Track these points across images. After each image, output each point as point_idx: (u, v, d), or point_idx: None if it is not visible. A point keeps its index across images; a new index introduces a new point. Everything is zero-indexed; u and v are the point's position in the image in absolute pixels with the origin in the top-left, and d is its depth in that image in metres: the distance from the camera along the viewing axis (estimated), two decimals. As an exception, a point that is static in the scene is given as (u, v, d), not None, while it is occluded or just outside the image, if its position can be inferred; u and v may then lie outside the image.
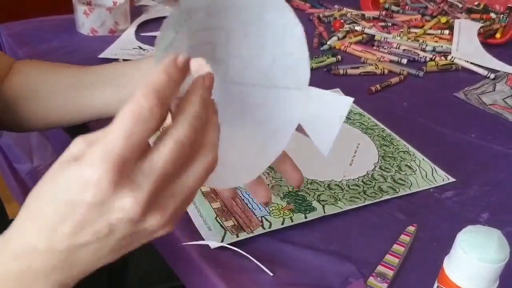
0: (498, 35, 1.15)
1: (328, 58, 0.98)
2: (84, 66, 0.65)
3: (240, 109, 0.48)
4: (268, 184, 0.62)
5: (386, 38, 1.09)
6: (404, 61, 1.00)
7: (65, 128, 0.84)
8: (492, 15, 1.21)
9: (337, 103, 0.45)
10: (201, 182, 0.36)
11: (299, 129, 0.48)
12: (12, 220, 0.34)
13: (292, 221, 0.57)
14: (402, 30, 1.13)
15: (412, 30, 1.14)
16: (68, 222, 0.32)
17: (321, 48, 1.04)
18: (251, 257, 0.51)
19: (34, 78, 0.63)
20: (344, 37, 1.10)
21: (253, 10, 0.43)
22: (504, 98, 0.92)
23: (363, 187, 0.64)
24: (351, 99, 0.44)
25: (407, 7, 1.27)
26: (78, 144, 0.33)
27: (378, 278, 0.50)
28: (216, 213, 0.57)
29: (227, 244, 0.52)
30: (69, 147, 0.33)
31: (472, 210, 0.62)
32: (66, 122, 0.65)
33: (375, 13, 1.21)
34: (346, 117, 0.81)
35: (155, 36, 1.15)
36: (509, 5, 1.22)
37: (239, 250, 0.51)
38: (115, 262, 0.81)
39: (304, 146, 0.71)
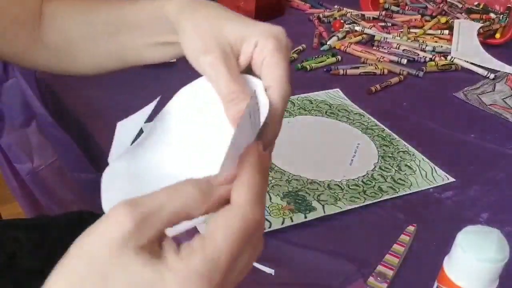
0: (497, 35, 1.15)
1: (328, 58, 0.98)
2: (117, 5, 0.57)
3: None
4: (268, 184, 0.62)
5: (386, 38, 1.09)
6: (404, 61, 1.00)
7: (65, 128, 0.84)
8: (492, 15, 1.21)
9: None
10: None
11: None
12: (4, 220, 0.33)
13: (292, 221, 0.57)
14: (402, 30, 1.13)
15: (412, 30, 1.14)
16: None
17: (321, 48, 1.04)
18: (251, 257, 0.51)
19: (68, 27, 0.59)
20: (344, 37, 1.10)
21: None
22: (504, 98, 0.92)
23: (363, 187, 0.64)
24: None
25: (406, 7, 1.27)
26: (126, 222, 0.28)
27: (378, 278, 0.50)
28: (216, 213, 0.57)
29: (227, 244, 0.52)
30: (117, 222, 0.28)
31: (472, 210, 0.62)
32: (113, 68, 0.61)
33: (375, 13, 1.21)
34: (346, 117, 0.81)
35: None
36: (508, 5, 1.22)
37: (239, 250, 0.51)
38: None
39: (304, 146, 0.72)
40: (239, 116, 0.37)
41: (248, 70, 0.43)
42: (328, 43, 1.05)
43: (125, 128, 0.47)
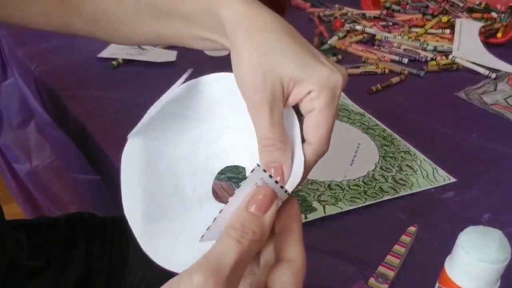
0: (499, 35, 1.14)
1: (329, 57, 0.98)
2: None
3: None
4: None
5: (387, 37, 1.09)
6: (405, 60, 1.00)
7: (63, 128, 0.84)
8: (494, 14, 1.21)
9: None
10: None
11: None
12: (8, 221, 0.33)
13: (292, 222, 0.56)
14: (403, 29, 1.13)
15: (413, 29, 1.14)
16: None
17: (322, 48, 1.04)
18: (250, 258, 0.50)
19: (109, 3, 0.59)
20: (345, 36, 1.10)
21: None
22: (506, 98, 0.91)
23: (364, 187, 0.63)
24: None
25: (408, 6, 1.27)
26: None
27: (379, 279, 0.50)
28: (215, 213, 0.57)
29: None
30: None
31: (473, 210, 0.62)
32: (156, 44, 0.62)
33: (376, 13, 1.20)
34: (347, 117, 0.81)
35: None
36: (510, 4, 1.22)
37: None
38: (115, 261, 0.81)
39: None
40: (270, 164, 0.39)
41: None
42: (328, 42, 1.05)
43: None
